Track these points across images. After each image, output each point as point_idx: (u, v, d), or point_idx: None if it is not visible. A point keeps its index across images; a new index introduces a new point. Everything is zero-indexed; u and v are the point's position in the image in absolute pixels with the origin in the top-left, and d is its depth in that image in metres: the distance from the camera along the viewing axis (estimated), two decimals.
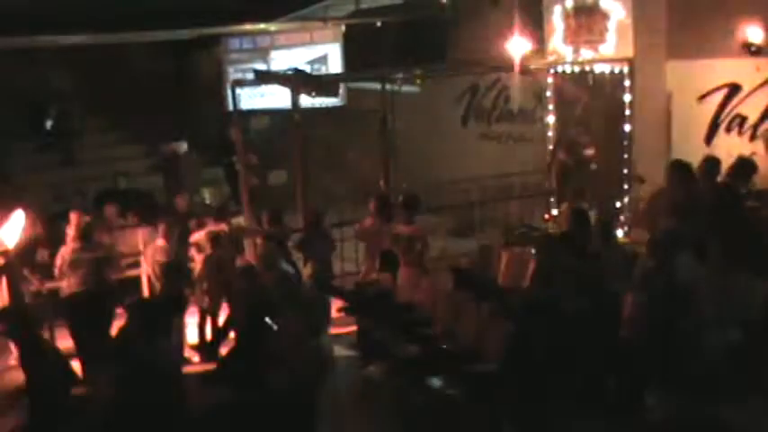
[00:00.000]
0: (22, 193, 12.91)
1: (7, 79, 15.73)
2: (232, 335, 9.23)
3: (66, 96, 16.72)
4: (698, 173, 9.03)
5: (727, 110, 10.79)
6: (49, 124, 16.43)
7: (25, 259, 9.01)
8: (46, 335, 8.83)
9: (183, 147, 15.30)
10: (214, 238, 9.63)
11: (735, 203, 8.51)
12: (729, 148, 10.51)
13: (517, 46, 12.08)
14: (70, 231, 9.30)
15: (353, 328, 9.07)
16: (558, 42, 12.17)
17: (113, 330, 8.31)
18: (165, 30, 15.41)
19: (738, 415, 6.12)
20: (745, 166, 9.19)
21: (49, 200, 12.77)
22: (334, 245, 10.27)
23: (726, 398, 6.36)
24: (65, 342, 9.00)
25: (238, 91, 12.31)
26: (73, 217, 9.36)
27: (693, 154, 9.78)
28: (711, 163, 9.15)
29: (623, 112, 11.44)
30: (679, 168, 9.05)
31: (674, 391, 6.57)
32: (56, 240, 9.51)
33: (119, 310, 8.63)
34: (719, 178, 9.07)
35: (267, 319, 7.80)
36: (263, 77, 13.41)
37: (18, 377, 7.88)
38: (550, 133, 12.53)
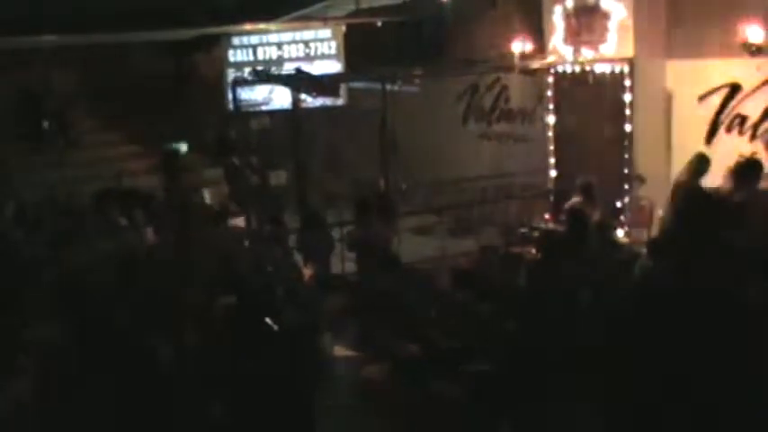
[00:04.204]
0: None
1: (6, 79, 15.74)
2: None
3: (66, 96, 16.72)
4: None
5: (727, 110, 10.77)
6: (47, 124, 16.43)
7: None
8: None
9: (184, 147, 15.30)
10: None
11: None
12: (730, 148, 10.50)
13: (517, 46, 12.08)
14: None
15: (353, 328, 9.07)
16: (558, 42, 12.16)
17: None
18: (166, 30, 15.43)
19: (739, 414, 6.11)
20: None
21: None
22: (333, 245, 10.27)
23: (726, 397, 6.35)
24: None
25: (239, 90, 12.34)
26: None
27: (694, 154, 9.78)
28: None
29: (623, 111, 11.43)
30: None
31: (675, 390, 6.56)
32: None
33: None
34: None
35: (267, 320, 7.80)
36: (264, 77, 13.42)
37: None
38: (550, 133, 12.54)
